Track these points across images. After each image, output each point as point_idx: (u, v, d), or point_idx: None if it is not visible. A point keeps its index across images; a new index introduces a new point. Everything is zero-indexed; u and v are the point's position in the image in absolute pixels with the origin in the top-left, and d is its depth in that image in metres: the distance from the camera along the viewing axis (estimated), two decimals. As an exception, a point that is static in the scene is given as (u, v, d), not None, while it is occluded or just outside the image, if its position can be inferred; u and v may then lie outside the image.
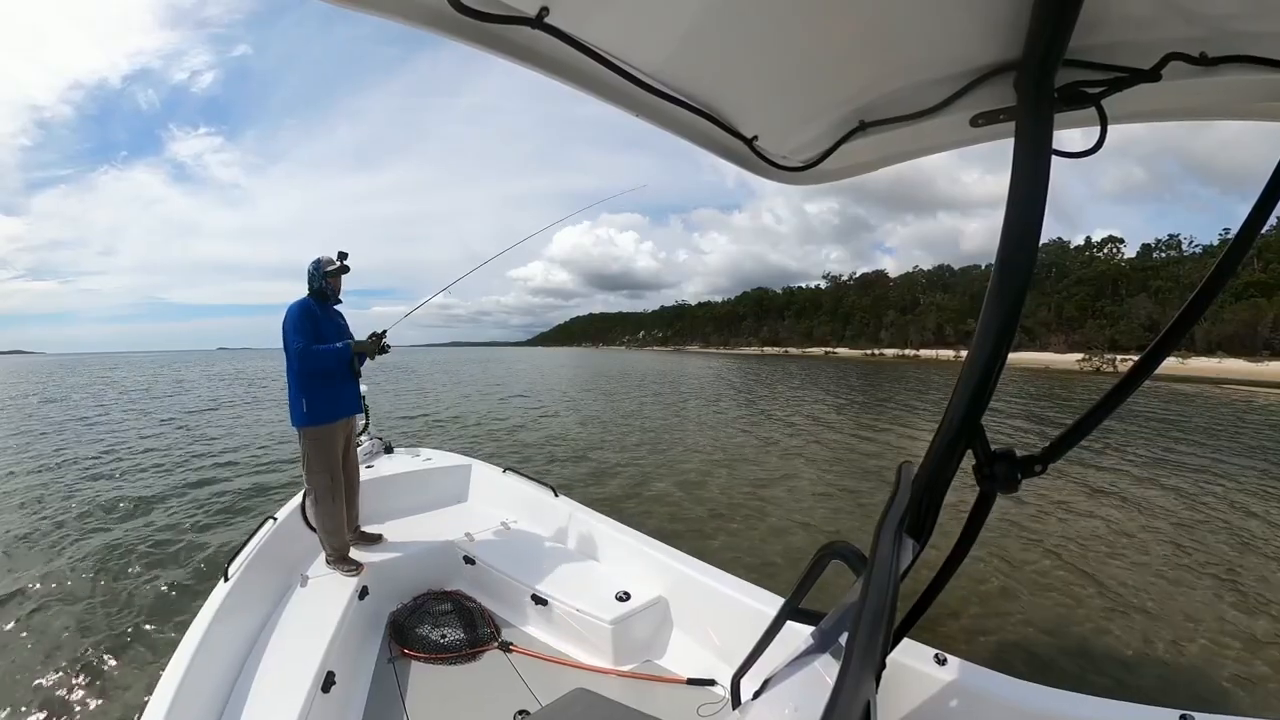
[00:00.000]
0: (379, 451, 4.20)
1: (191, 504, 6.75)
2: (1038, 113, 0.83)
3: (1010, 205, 0.81)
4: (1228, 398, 25.25)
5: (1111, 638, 3.85)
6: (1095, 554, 5.33)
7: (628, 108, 1.03)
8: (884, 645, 0.94)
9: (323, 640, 2.14)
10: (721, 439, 11.60)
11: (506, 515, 3.51)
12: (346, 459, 2.97)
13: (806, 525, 6.02)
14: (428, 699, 2.26)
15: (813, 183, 1.37)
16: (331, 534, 2.77)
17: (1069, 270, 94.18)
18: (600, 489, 7.40)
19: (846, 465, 9.15)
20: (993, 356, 0.82)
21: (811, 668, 1.13)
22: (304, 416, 2.73)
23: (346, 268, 2.88)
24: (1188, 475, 8.66)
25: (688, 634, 2.57)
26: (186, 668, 1.77)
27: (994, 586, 4.52)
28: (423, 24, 0.78)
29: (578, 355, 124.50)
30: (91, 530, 5.83)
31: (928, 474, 0.91)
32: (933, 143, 1.23)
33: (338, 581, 2.66)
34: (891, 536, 0.90)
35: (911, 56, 0.96)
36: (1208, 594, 4.52)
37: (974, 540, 0.96)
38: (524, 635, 2.70)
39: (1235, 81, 0.85)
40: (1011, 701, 1.62)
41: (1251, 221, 0.74)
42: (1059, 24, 0.77)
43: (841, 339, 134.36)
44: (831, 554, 1.15)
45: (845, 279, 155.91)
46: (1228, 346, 60.43)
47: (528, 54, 0.88)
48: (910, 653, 1.79)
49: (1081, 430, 0.84)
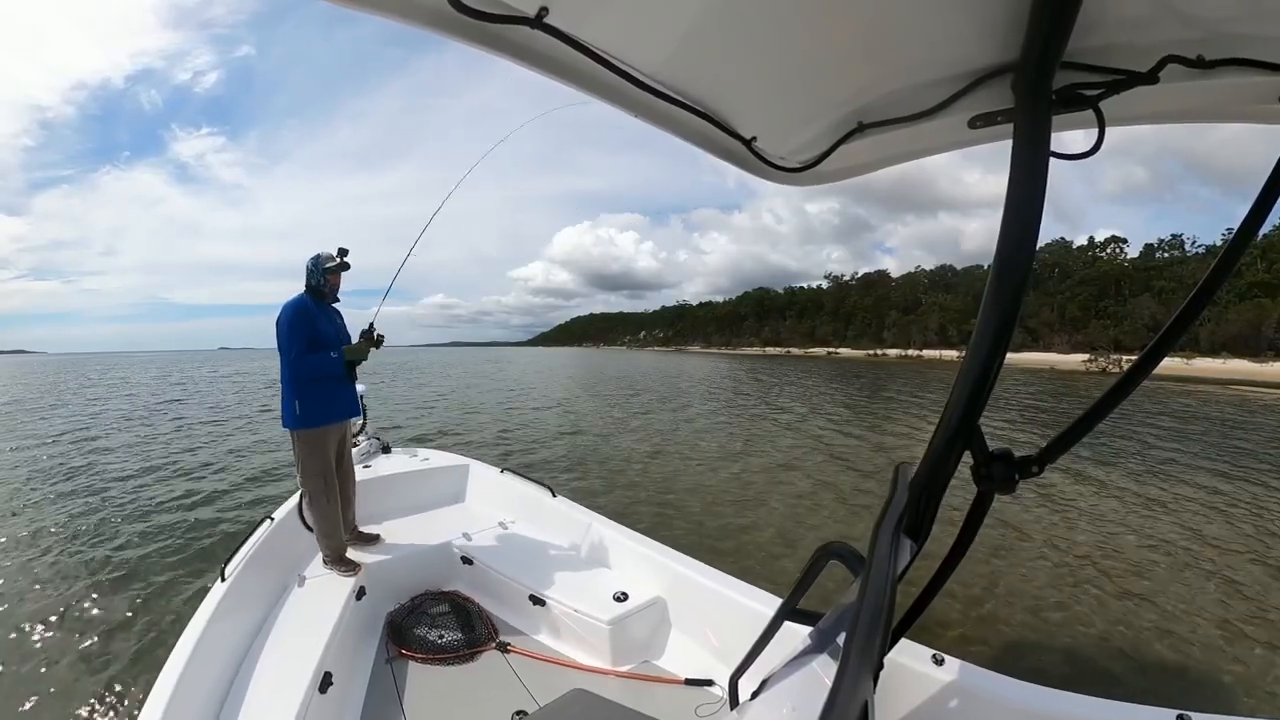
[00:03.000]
0: (376, 452, 4.20)
1: (189, 504, 6.77)
2: (1035, 114, 0.83)
3: (1008, 207, 0.81)
4: (1246, 399, 24.82)
5: (1110, 638, 3.84)
6: (1094, 554, 5.32)
7: (627, 108, 1.03)
8: (882, 645, 0.93)
9: (320, 640, 2.14)
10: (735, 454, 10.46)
11: (504, 515, 3.51)
12: (341, 461, 2.94)
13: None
14: (425, 699, 2.26)
15: (812, 184, 1.37)
16: (327, 535, 2.77)
17: (1072, 270, 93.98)
18: (604, 492, 7.40)
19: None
20: (990, 357, 0.82)
21: (809, 668, 1.13)
22: (296, 419, 2.69)
23: (347, 265, 2.81)
24: (1187, 475, 8.64)
25: (686, 634, 2.57)
26: (183, 668, 1.78)
27: (993, 587, 4.51)
28: (422, 24, 0.78)
29: (579, 355, 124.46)
30: (88, 530, 5.84)
31: (925, 474, 0.91)
32: (931, 144, 1.23)
33: (335, 582, 2.66)
34: (889, 537, 0.90)
35: (910, 58, 0.96)
36: (1207, 594, 4.50)
37: (972, 541, 0.96)
38: (522, 636, 2.70)
39: (1232, 84, 0.85)
40: (1010, 702, 1.62)
41: (1248, 223, 0.74)
42: (1056, 26, 0.77)
43: (844, 339, 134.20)
44: (829, 554, 1.14)
45: (847, 279, 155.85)
46: (1232, 347, 60.24)
47: (527, 54, 0.88)
48: (908, 653, 1.79)
49: (1080, 430, 0.83)
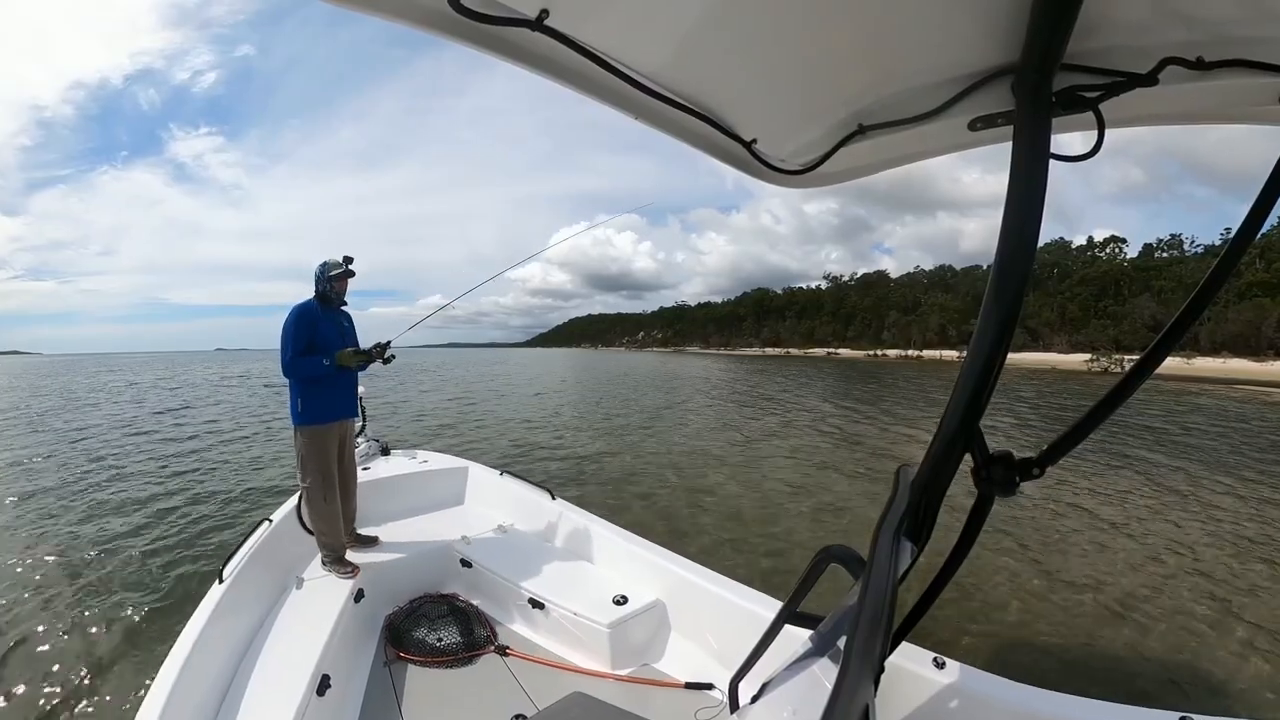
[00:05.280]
0: (376, 453, 4.20)
1: (185, 504, 6.75)
2: (1035, 117, 0.83)
3: (1008, 208, 0.81)
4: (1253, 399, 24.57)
5: (1111, 640, 3.83)
6: (1095, 554, 5.31)
7: (627, 110, 1.03)
8: (882, 648, 0.93)
9: (318, 643, 2.14)
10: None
11: (503, 518, 3.50)
12: (342, 460, 3.02)
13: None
14: (424, 702, 2.26)
15: (812, 186, 1.37)
16: (326, 534, 2.81)
17: (1071, 270, 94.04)
18: (609, 496, 7.38)
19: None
20: (991, 359, 0.82)
21: (810, 671, 1.13)
22: (299, 416, 2.85)
23: (351, 271, 2.99)
24: (1188, 475, 8.63)
25: (685, 638, 2.56)
26: (180, 670, 1.77)
27: (992, 589, 4.50)
28: (423, 25, 0.78)
29: (577, 356, 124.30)
30: (85, 530, 5.82)
31: (926, 477, 0.91)
32: (931, 146, 1.23)
33: (333, 584, 2.66)
34: (890, 539, 0.90)
35: (910, 60, 0.96)
36: (1209, 594, 4.49)
37: (973, 543, 0.95)
38: (521, 639, 2.70)
39: (1232, 85, 0.85)
40: (1011, 705, 1.61)
41: (1249, 223, 0.74)
42: (1056, 29, 0.77)
43: (843, 340, 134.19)
44: (829, 557, 1.14)
45: (846, 279, 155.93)
46: (1232, 347, 60.25)
47: (527, 56, 0.88)
48: (909, 656, 1.78)
49: (1080, 432, 0.83)
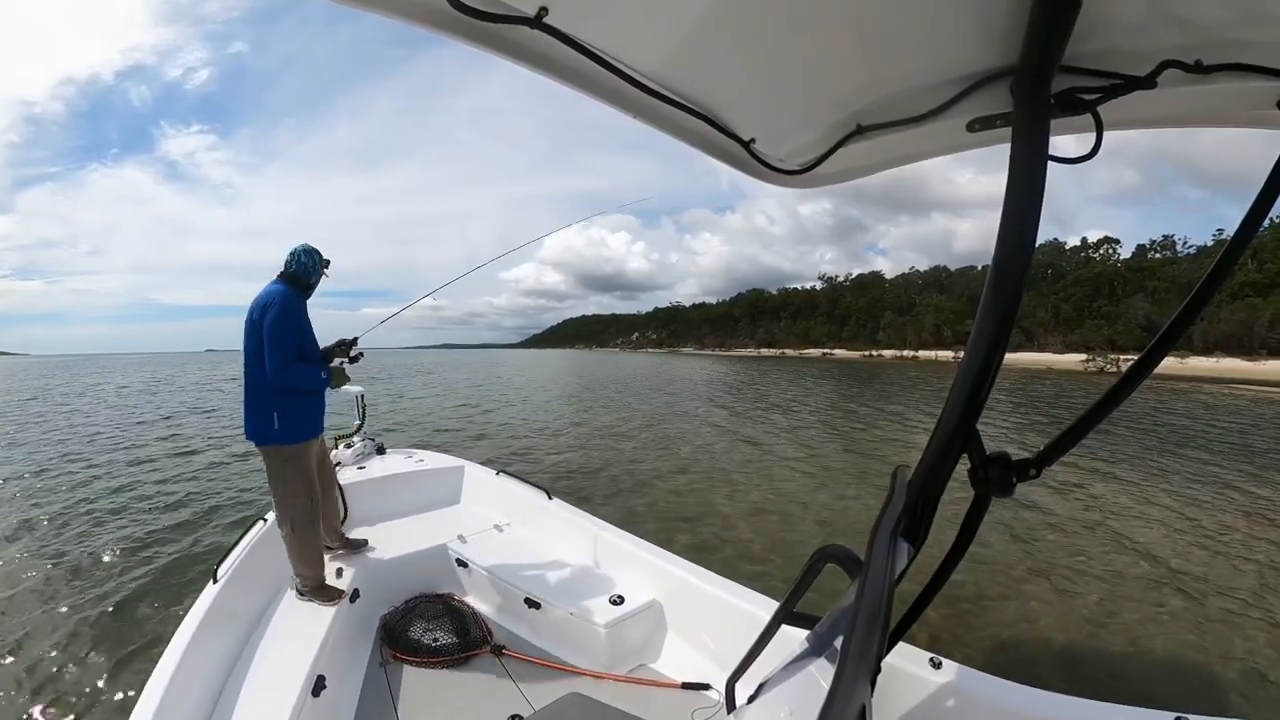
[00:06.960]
0: (371, 453, 4.17)
1: (181, 504, 6.71)
2: (1034, 118, 0.83)
3: (1006, 209, 0.81)
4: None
5: (1108, 640, 3.85)
6: (1093, 555, 5.34)
7: (626, 109, 1.03)
8: (879, 649, 0.93)
9: (313, 643, 2.12)
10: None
11: (500, 517, 3.49)
12: (322, 470, 2.74)
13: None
14: (419, 703, 2.25)
15: (810, 186, 1.37)
16: (309, 565, 2.46)
17: (1065, 271, 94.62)
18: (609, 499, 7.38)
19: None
20: (988, 360, 0.82)
21: (806, 671, 1.12)
22: (279, 434, 2.38)
23: (328, 261, 2.68)
24: (1187, 474, 8.69)
25: (682, 638, 2.56)
26: (174, 671, 1.76)
27: (989, 589, 4.52)
28: (421, 22, 0.78)
29: (571, 357, 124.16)
30: (81, 529, 5.77)
31: (923, 477, 0.91)
32: (930, 147, 1.24)
33: (329, 584, 2.64)
34: (887, 540, 0.90)
35: (909, 61, 0.97)
36: (1208, 594, 4.53)
37: (969, 544, 0.96)
38: (517, 639, 2.69)
39: (1230, 89, 0.85)
40: (1007, 705, 1.62)
41: (1246, 226, 0.75)
42: (1055, 31, 0.77)
43: (839, 340, 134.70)
44: (826, 557, 1.14)
45: (841, 280, 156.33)
46: (1224, 346, 60.80)
47: (526, 54, 0.87)
48: (905, 656, 1.78)
49: (1077, 433, 0.83)
